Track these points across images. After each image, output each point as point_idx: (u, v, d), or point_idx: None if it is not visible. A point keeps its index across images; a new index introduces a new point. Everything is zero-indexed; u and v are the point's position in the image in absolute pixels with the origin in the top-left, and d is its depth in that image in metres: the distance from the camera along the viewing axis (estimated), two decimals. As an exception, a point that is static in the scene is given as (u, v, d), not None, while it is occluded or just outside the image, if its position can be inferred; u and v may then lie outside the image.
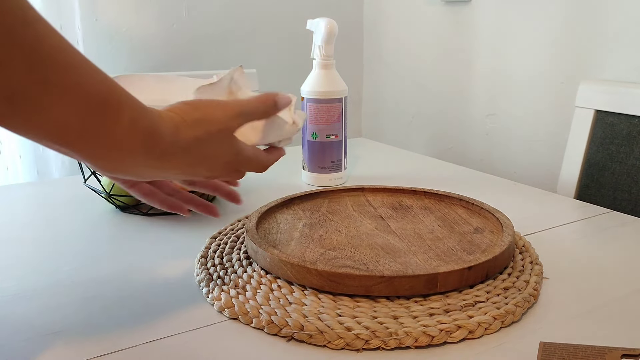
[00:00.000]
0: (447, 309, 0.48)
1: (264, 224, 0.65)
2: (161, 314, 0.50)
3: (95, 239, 0.69)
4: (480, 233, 0.62)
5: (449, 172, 1.00)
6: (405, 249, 0.58)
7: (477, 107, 1.44)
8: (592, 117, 1.02)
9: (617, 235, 0.68)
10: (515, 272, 0.55)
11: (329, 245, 0.59)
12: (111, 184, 0.75)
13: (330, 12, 1.69)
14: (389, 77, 1.72)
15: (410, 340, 0.44)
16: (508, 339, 0.46)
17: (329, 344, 0.45)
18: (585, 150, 1.03)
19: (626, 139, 0.97)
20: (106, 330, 0.48)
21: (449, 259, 0.55)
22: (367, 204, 0.72)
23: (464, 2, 1.41)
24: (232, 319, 0.49)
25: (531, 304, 0.51)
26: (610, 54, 1.12)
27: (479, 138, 1.44)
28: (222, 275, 0.55)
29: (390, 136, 1.74)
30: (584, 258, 0.62)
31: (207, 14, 1.51)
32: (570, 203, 0.83)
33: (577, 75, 1.18)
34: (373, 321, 0.46)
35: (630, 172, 0.96)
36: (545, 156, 1.29)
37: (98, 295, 0.54)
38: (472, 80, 1.43)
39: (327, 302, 0.49)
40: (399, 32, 1.65)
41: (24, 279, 0.57)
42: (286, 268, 0.53)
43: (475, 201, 0.70)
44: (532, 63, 1.28)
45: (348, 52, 1.76)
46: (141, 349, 0.45)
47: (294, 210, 0.70)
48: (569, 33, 1.19)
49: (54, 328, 0.48)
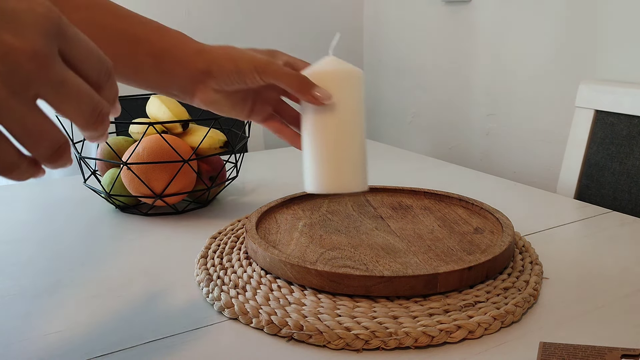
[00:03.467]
0: (447, 309, 0.48)
1: (264, 224, 0.65)
2: (161, 314, 0.50)
3: (95, 239, 0.69)
4: (480, 233, 0.62)
5: (449, 172, 1.00)
6: (405, 249, 0.58)
7: (477, 107, 1.44)
8: (592, 117, 1.02)
9: (617, 235, 0.68)
10: (515, 272, 0.55)
11: (328, 245, 0.59)
12: (111, 184, 0.75)
13: (331, 12, 1.69)
14: (389, 77, 1.72)
15: (410, 340, 0.44)
16: (508, 339, 0.46)
17: (329, 344, 0.45)
18: (585, 150, 1.03)
19: (626, 139, 0.97)
20: (106, 330, 0.48)
21: (449, 259, 0.55)
22: (367, 204, 0.72)
23: (464, 2, 1.41)
24: (232, 319, 0.49)
25: (531, 304, 0.51)
26: (610, 54, 1.12)
27: (479, 138, 1.44)
28: (222, 275, 0.55)
29: (390, 136, 1.74)
30: (584, 258, 0.62)
31: (207, 14, 1.51)
32: (570, 203, 0.83)
33: (577, 75, 1.18)
34: (373, 321, 0.46)
35: (630, 172, 0.96)
36: (545, 156, 1.29)
37: (98, 295, 0.54)
38: (472, 81, 1.43)
39: (326, 302, 0.49)
40: (398, 32, 1.65)
41: (24, 279, 0.57)
42: (286, 268, 0.53)
43: (475, 201, 0.70)
44: (532, 63, 1.28)
45: (348, 52, 1.76)
46: (141, 349, 0.45)
47: (293, 210, 0.70)
48: (569, 33, 1.19)
49: (54, 328, 0.48)
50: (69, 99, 0.29)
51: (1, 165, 0.28)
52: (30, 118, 0.28)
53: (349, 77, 0.55)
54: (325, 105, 0.54)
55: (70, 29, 0.30)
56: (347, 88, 0.55)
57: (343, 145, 0.55)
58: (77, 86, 0.30)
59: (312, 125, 0.55)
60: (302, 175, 0.57)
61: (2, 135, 0.28)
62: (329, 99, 0.53)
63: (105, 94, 0.32)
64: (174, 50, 0.54)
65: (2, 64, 0.27)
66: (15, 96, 0.27)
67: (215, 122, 0.75)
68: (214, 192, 0.81)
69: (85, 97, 0.30)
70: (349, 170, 0.56)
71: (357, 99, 0.55)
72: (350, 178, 0.56)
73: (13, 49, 0.27)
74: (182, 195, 0.74)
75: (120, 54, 0.53)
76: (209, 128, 0.74)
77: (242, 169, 1.00)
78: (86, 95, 0.30)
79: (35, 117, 0.28)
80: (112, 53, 0.53)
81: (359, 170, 0.56)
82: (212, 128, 0.76)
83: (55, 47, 0.29)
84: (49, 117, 0.29)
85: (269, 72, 0.54)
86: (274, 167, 1.04)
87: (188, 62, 0.54)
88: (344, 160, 0.55)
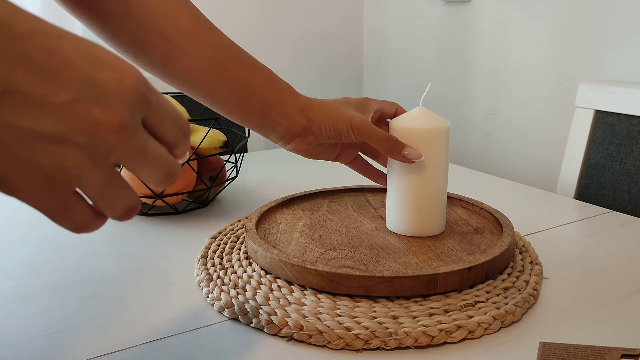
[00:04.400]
0: (447, 309, 0.48)
1: (264, 224, 0.65)
2: (161, 314, 0.50)
3: (95, 239, 0.69)
4: (480, 233, 0.62)
5: (449, 172, 1.00)
6: (405, 249, 0.58)
7: (477, 107, 1.44)
8: (592, 117, 1.02)
9: (617, 235, 0.68)
10: (515, 272, 0.55)
11: (328, 246, 0.59)
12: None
13: (331, 12, 1.69)
14: (389, 77, 1.72)
15: (410, 340, 0.44)
16: (508, 339, 0.46)
17: (329, 344, 0.45)
18: (585, 150, 1.03)
19: (626, 139, 0.97)
20: (106, 330, 0.48)
21: (448, 260, 0.55)
22: (367, 204, 0.72)
23: (464, 2, 1.41)
24: (232, 319, 0.49)
25: (531, 304, 0.51)
26: (610, 54, 1.12)
27: (479, 138, 1.44)
28: (222, 275, 0.55)
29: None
30: (584, 258, 0.62)
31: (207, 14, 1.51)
32: (570, 203, 0.83)
33: (577, 75, 1.18)
34: (373, 321, 0.46)
35: (630, 172, 0.96)
36: (545, 156, 1.29)
37: (98, 295, 0.54)
38: (472, 80, 1.43)
39: (326, 302, 0.49)
40: (399, 32, 1.65)
41: (24, 279, 0.57)
42: (286, 268, 0.53)
43: (475, 201, 0.70)
44: (532, 63, 1.28)
45: (348, 52, 1.76)
46: (141, 349, 0.45)
47: (293, 210, 0.70)
48: (569, 33, 1.19)
49: (54, 328, 0.48)
50: (145, 166, 0.30)
51: (76, 225, 0.29)
52: (108, 185, 0.29)
53: (438, 135, 0.59)
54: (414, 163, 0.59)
55: (154, 96, 0.30)
56: (435, 145, 0.59)
57: (428, 199, 0.60)
58: (154, 153, 0.30)
59: (399, 175, 0.60)
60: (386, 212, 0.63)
61: (79, 199, 0.29)
62: (418, 157, 0.58)
63: (178, 152, 0.33)
64: (281, 103, 0.59)
65: (88, 137, 0.27)
66: (96, 165, 0.27)
67: (215, 122, 0.75)
68: (214, 192, 0.81)
69: (161, 162, 0.30)
70: (431, 219, 0.61)
71: (443, 154, 0.60)
72: (431, 225, 0.61)
73: (100, 124, 0.27)
74: (182, 195, 0.74)
75: (232, 98, 0.58)
76: (209, 128, 0.74)
77: (242, 169, 1.00)
78: (162, 161, 0.30)
79: (113, 182, 0.29)
80: (225, 95, 0.58)
81: (439, 218, 0.62)
82: (212, 128, 0.76)
83: (139, 118, 0.29)
84: (125, 181, 0.30)
85: (363, 133, 0.58)
86: (274, 167, 1.04)
87: (292, 117, 0.59)
88: (427, 211, 0.60)
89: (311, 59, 1.70)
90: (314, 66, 1.71)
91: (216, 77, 0.57)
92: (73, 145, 0.26)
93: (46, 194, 0.27)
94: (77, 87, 0.26)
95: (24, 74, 0.25)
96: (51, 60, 0.26)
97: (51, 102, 0.26)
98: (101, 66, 0.27)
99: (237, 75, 0.57)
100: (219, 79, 0.57)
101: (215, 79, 0.57)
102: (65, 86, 0.26)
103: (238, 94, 0.58)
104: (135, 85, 0.28)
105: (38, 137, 0.26)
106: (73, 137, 0.26)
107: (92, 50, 0.28)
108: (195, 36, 0.56)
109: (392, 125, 0.61)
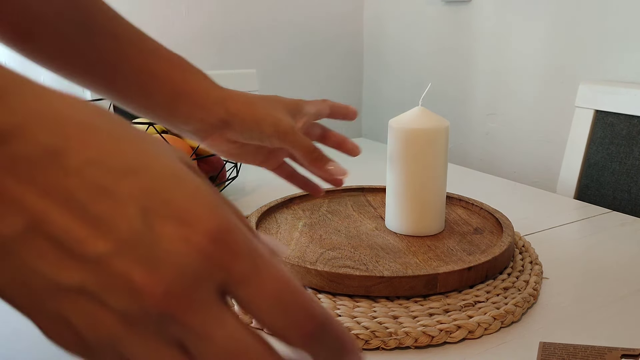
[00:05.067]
0: (446, 309, 0.48)
1: (264, 224, 0.65)
2: (161, 314, 0.50)
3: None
4: (480, 233, 0.62)
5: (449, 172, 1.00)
6: (405, 249, 0.58)
7: (477, 107, 1.44)
8: (592, 117, 1.02)
9: (617, 235, 0.68)
10: (515, 272, 0.55)
11: (328, 245, 0.59)
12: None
13: (331, 12, 1.69)
14: (389, 77, 1.72)
15: (410, 340, 0.44)
16: (508, 339, 0.46)
17: (329, 344, 0.45)
18: (585, 150, 1.03)
19: (626, 139, 0.97)
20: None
21: (448, 260, 0.55)
22: (367, 204, 0.72)
23: (464, 2, 1.41)
24: (232, 319, 0.49)
25: (531, 304, 0.51)
26: (610, 54, 1.12)
27: (479, 138, 1.44)
28: (222, 275, 0.55)
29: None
30: (584, 258, 0.62)
31: (207, 14, 1.51)
32: (570, 203, 0.83)
33: (577, 75, 1.18)
34: (373, 321, 0.46)
35: (630, 172, 0.96)
36: (545, 156, 1.29)
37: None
38: (472, 80, 1.43)
39: (326, 302, 0.49)
40: (399, 32, 1.65)
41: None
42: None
43: (475, 201, 0.70)
44: (532, 63, 1.28)
45: (348, 52, 1.76)
46: (141, 349, 0.45)
47: (293, 210, 0.70)
48: (569, 33, 1.19)
49: (54, 328, 0.48)
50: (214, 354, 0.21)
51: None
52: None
53: (437, 135, 0.59)
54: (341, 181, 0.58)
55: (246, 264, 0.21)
56: (434, 145, 0.59)
57: (427, 198, 0.61)
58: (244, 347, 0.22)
59: (399, 175, 0.60)
60: (385, 212, 0.63)
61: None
62: (343, 174, 0.55)
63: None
64: (194, 93, 0.52)
65: (123, 300, 0.20)
66: (139, 336, 0.21)
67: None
68: (213, 192, 0.80)
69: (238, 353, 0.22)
70: (430, 218, 0.61)
71: (442, 154, 0.60)
72: (430, 224, 0.62)
73: (139, 287, 0.20)
74: (182, 195, 0.74)
75: (135, 88, 0.52)
76: (209, 128, 0.74)
77: (242, 169, 1.00)
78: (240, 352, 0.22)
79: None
80: (125, 85, 0.52)
81: (438, 217, 0.62)
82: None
83: (208, 289, 0.21)
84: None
85: (288, 140, 0.53)
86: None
87: (208, 108, 0.53)
88: (427, 211, 0.61)
89: (311, 59, 1.70)
90: (314, 66, 1.71)
91: (118, 69, 0.51)
92: (105, 306, 0.20)
93: (84, 354, 0.22)
94: (121, 238, 0.20)
95: (60, 214, 0.20)
96: (99, 205, 0.20)
97: (82, 253, 0.20)
98: (168, 216, 0.20)
99: (137, 64, 0.51)
100: (120, 72, 0.51)
101: (117, 71, 0.51)
102: (107, 235, 0.20)
103: (140, 85, 0.51)
104: (205, 248, 0.20)
105: (65, 289, 0.21)
106: (104, 296, 0.20)
107: (167, 193, 0.21)
108: (96, 24, 0.50)
109: (391, 126, 0.61)
